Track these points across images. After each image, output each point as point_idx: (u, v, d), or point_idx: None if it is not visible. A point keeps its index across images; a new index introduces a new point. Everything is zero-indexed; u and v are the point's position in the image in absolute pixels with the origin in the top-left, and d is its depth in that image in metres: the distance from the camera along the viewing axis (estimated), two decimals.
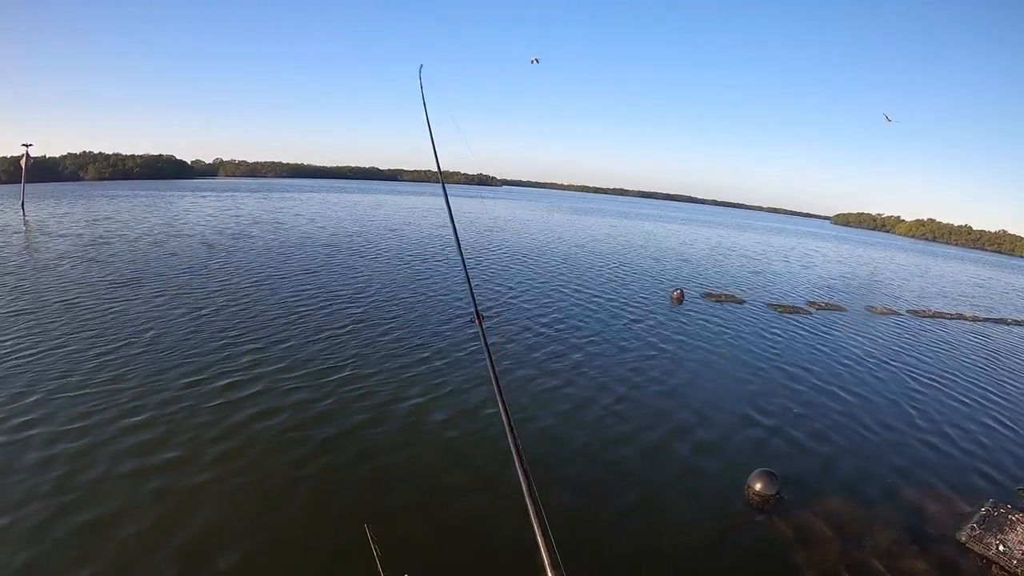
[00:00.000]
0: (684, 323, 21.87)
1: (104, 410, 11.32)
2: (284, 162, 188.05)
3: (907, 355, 20.77)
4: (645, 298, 25.91)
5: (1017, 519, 10.04)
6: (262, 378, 13.29)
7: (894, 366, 19.05)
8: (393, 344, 16.41)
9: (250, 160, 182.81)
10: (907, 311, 30.50)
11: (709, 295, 28.19)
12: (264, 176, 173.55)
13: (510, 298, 23.54)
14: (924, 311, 30.99)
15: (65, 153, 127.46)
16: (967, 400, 16.54)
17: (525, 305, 22.48)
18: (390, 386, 13.38)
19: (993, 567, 8.86)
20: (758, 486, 10.15)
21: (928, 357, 20.89)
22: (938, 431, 13.97)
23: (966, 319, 30.54)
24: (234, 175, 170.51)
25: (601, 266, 35.10)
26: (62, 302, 18.11)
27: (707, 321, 22.60)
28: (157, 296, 19.44)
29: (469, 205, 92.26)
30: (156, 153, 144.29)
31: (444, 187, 6.39)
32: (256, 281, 22.83)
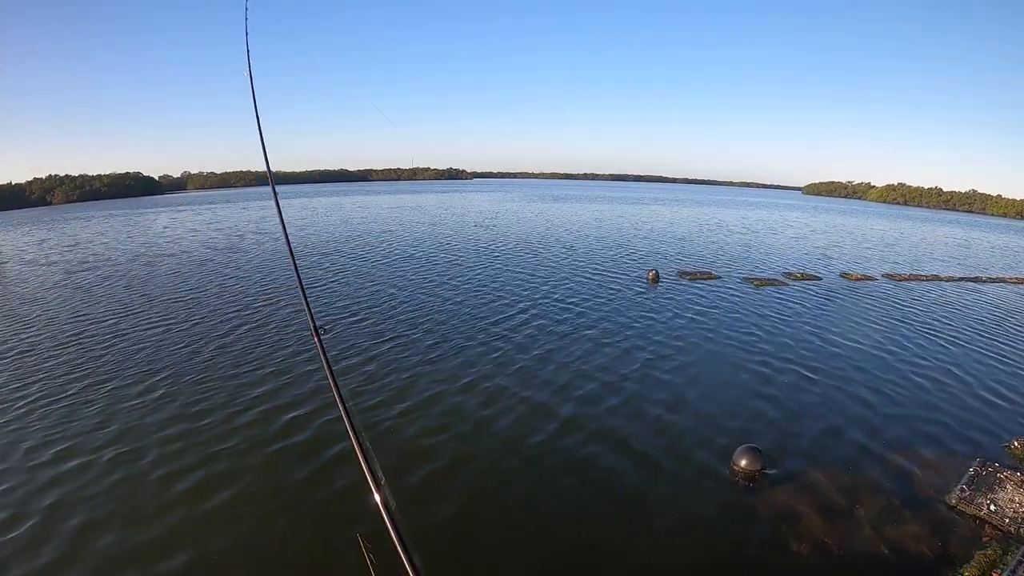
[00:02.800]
0: (659, 304, 21.70)
1: (95, 431, 11.07)
2: (253, 171, 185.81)
3: (883, 320, 20.77)
4: (620, 280, 25.81)
5: (1006, 477, 9.92)
6: (252, 398, 13.07)
7: (871, 332, 19.01)
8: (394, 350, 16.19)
9: (219, 171, 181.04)
10: (882, 276, 30.64)
11: (684, 273, 28.09)
12: (234, 186, 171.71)
13: (491, 288, 23.35)
14: (899, 275, 31.12)
15: (31, 178, 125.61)
16: (945, 361, 16.51)
17: (492, 295, 22.32)
18: (395, 395, 13.21)
19: (986, 527, 8.70)
20: (743, 462, 9.94)
21: (904, 320, 20.91)
22: (920, 394, 13.89)
23: (941, 280, 30.70)
24: (203, 187, 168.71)
25: (579, 251, 34.86)
26: (63, 336, 17.45)
27: (682, 300, 22.45)
28: (155, 323, 19.00)
29: (452, 200, 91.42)
30: (123, 171, 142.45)
31: (274, 188, 5.77)
32: (241, 301, 22.58)
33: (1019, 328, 20.75)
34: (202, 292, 23.22)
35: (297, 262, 5.19)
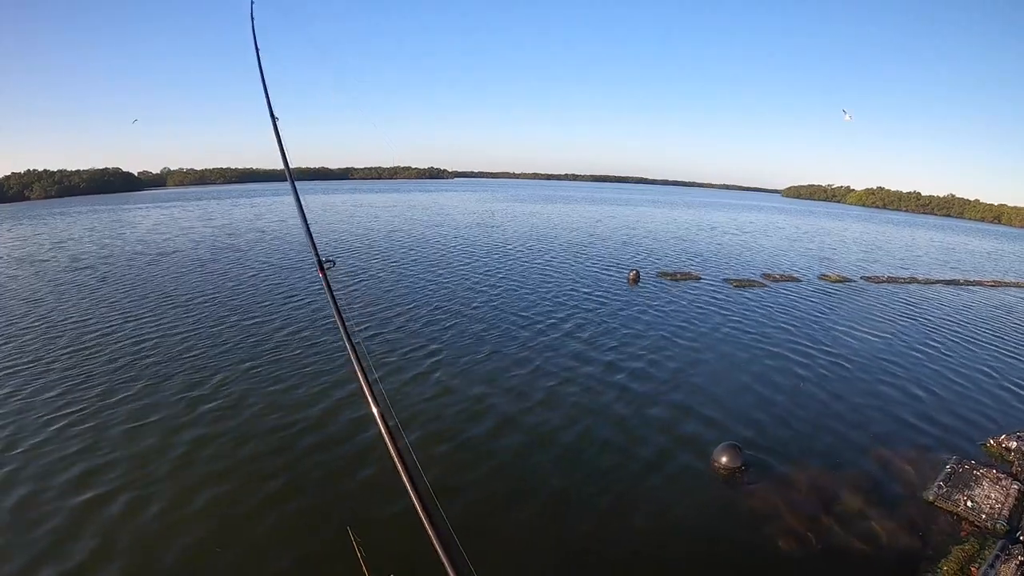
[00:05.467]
0: (640, 303, 21.71)
1: (95, 430, 10.96)
2: (233, 167, 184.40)
3: (862, 321, 20.94)
4: (602, 281, 25.76)
5: (982, 474, 10.00)
6: (245, 392, 12.97)
7: (846, 332, 19.18)
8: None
9: (198, 168, 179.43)
10: (861, 278, 30.94)
11: (664, 274, 28.11)
12: (214, 183, 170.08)
13: (490, 291, 23.31)
14: (878, 277, 31.46)
15: (9, 173, 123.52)
16: (923, 361, 16.70)
17: (492, 296, 22.30)
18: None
19: (963, 523, 8.76)
20: (724, 459, 9.93)
21: (883, 321, 21.12)
22: (898, 393, 13.99)
23: (919, 282, 31.10)
24: (183, 184, 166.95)
25: (561, 252, 34.84)
26: (72, 342, 16.52)
27: (662, 300, 22.51)
28: (164, 328, 18.67)
29: (444, 200, 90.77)
30: (102, 167, 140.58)
31: (292, 180, 5.54)
32: (234, 305, 22.39)
33: (994, 329, 21.07)
34: (222, 289, 22.91)
35: (321, 257, 5.00)
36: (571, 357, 15.41)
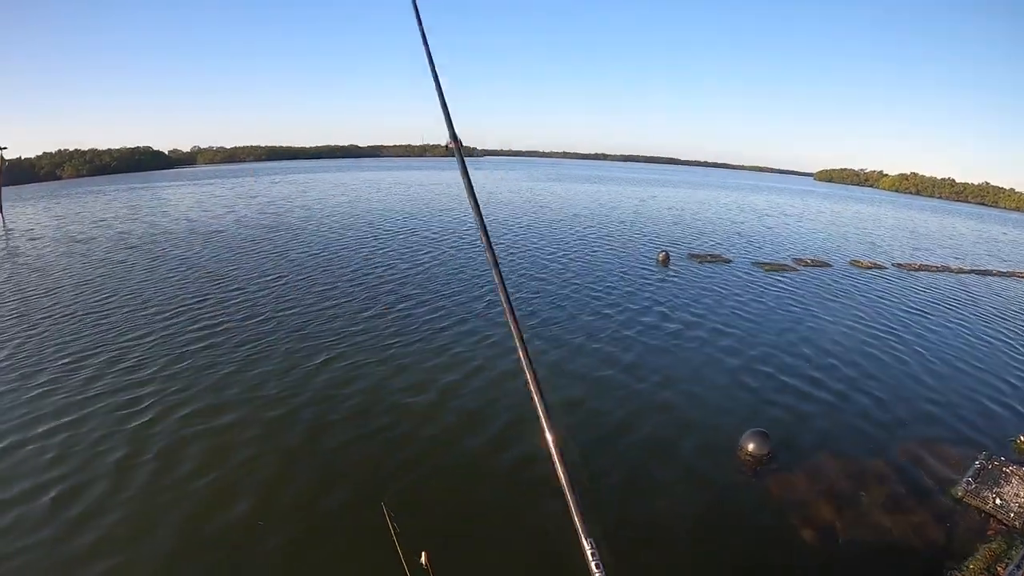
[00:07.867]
0: (669, 285, 21.66)
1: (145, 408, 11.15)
2: (262, 145, 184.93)
3: (894, 309, 20.64)
4: (632, 262, 25.73)
5: (1011, 471, 9.90)
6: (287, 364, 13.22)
7: (881, 320, 18.90)
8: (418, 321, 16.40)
9: (228, 146, 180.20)
10: (893, 264, 30.39)
11: (694, 256, 27.98)
12: (243, 161, 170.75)
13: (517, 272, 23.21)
14: (910, 264, 30.85)
15: (41, 153, 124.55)
16: (956, 353, 16.41)
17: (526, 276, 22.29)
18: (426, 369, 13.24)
19: (991, 521, 8.71)
20: (750, 447, 9.94)
21: (915, 310, 20.75)
22: (929, 385, 13.82)
23: (952, 271, 30.40)
24: (213, 162, 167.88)
25: (591, 233, 34.47)
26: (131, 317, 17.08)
27: (692, 282, 22.44)
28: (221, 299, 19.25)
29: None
30: (132, 146, 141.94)
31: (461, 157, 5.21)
32: (289, 265, 22.95)
33: None
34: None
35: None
36: (600, 337, 15.33)
